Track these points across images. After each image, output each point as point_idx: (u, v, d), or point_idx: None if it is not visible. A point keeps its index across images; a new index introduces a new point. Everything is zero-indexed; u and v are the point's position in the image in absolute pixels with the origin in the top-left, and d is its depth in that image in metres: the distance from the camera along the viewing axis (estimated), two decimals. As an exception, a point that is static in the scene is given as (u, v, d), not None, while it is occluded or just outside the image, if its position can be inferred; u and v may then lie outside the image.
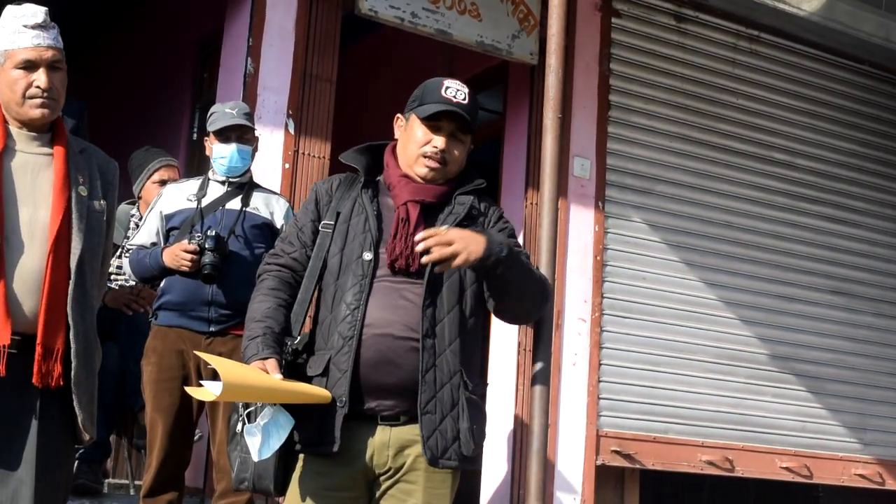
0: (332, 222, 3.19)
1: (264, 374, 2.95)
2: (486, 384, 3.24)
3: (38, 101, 3.19)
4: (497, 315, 3.27)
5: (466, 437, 3.05)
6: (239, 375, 2.89)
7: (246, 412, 3.04)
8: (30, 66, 3.18)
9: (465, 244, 2.97)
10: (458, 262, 2.97)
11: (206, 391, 2.92)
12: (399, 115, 3.30)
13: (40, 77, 3.18)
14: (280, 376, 2.96)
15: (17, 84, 3.19)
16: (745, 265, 7.02)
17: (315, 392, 3.01)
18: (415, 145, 3.18)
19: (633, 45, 6.87)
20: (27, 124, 3.23)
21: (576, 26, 6.56)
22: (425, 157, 3.16)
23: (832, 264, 7.38)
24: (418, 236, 2.98)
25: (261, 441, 2.94)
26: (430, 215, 3.16)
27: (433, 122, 3.16)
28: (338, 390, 3.01)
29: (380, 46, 7.72)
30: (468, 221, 3.19)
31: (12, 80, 3.19)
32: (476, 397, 3.11)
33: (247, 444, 2.98)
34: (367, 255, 3.09)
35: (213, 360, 2.91)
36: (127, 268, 4.61)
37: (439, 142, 3.16)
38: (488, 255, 3.00)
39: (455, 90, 3.18)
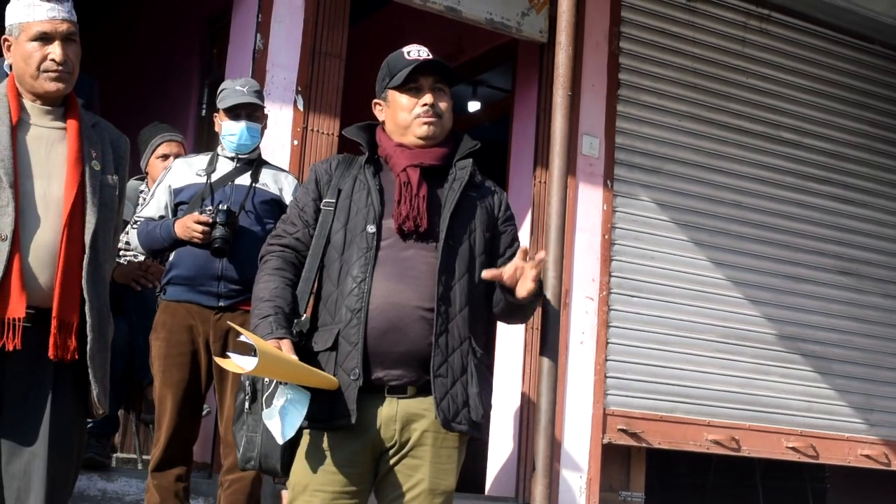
0: (334, 200, 3.20)
1: (285, 353, 2.96)
2: (492, 356, 3.27)
3: (53, 74, 3.19)
4: (495, 317, 3.35)
5: (476, 401, 3.08)
6: (270, 351, 2.90)
7: (254, 392, 3.04)
8: (45, 38, 3.18)
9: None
10: (534, 288, 3.12)
11: (235, 364, 2.90)
12: (375, 100, 3.32)
13: (55, 50, 3.18)
14: (295, 357, 2.98)
15: (31, 57, 3.18)
16: (753, 245, 7.01)
17: (326, 377, 3.01)
18: (405, 112, 3.21)
19: (644, 23, 6.84)
20: (41, 97, 3.23)
21: (586, 4, 6.53)
22: (418, 117, 3.19)
23: (840, 244, 7.37)
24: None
25: (282, 423, 2.95)
26: (430, 180, 3.18)
27: (412, 86, 3.20)
28: (349, 363, 3.02)
29: (389, 23, 7.68)
30: (472, 189, 3.23)
31: (27, 53, 3.19)
32: (483, 366, 3.15)
33: (268, 428, 2.98)
34: (371, 228, 3.11)
35: (248, 333, 2.91)
36: (135, 240, 4.58)
37: (427, 98, 3.20)
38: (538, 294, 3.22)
39: (417, 50, 3.25)
